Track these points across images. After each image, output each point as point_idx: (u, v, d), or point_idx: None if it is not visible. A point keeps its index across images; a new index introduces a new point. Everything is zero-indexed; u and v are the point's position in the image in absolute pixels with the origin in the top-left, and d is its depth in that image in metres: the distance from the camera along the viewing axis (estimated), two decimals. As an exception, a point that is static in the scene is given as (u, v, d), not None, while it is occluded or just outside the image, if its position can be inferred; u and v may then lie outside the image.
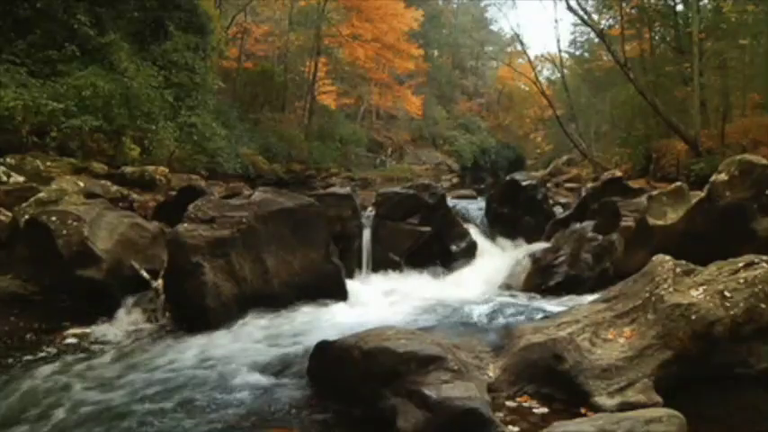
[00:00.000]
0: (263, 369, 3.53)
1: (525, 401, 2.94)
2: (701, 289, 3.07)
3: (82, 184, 6.10)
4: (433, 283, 6.35)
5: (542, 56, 32.35)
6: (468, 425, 2.50)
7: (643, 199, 6.10)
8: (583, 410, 2.79)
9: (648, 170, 16.58)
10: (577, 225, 6.46)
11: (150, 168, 8.67)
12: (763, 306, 2.94)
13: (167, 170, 9.14)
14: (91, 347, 4.09)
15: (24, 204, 5.32)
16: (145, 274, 4.89)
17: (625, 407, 2.69)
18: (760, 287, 2.98)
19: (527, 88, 36.48)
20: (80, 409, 3.02)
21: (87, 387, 3.31)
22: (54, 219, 4.69)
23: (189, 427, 2.80)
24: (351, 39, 26.24)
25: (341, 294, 5.34)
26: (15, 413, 2.99)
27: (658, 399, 2.79)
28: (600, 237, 6.02)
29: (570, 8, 18.74)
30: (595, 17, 21.68)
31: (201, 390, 3.23)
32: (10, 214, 5.44)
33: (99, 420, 2.89)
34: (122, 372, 3.58)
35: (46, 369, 3.57)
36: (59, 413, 2.97)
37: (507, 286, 6.18)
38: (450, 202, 7.98)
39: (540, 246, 6.61)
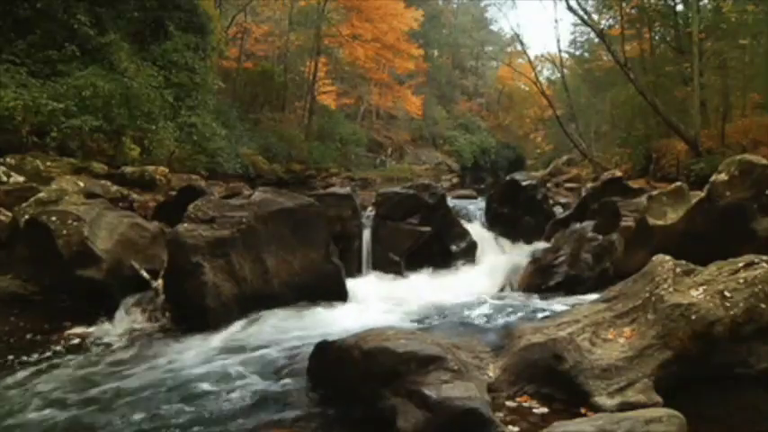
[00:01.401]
0: (263, 369, 3.54)
1: (525, 401, 2.94)
2: (700, 289, 3.07)
3: (82, 184, 6.09)
4: (433, 283, 6.35)
5: (542, 56, 32.41)
6: (468, 425, 2.50)
7: (643, 199, 6.10)
8: (583, 410, 2.79)
9: (648, 170, 16.58)
10: (577, 225, 6.46)
11: (150, 168, 8.67)
12: (763, 306, 2.94)
13: (167, 170, 9.14)
14: (91, 347, 4.09)
15: (24, 204, 5.32)
16: (145, 274, 4.89)
17: (625, 407, 2.69)
18: (760, 287, 2.98)
19: (527, 88, 36.49)
20: (80, 409, 3.02)
21: (87, 387, 3.32)
22: (54, 219, 4.70)
23: (189, 427, 2.80)
24: (351, 39, 26.26)
25: (341, 294, 5.34)
26: (15, 413, 2.99)
27: (658, 399, 2.79)
28: (600, 237, 6.02)
29: (570, 8, 18.76)
30: (595, 17, 21.70)
31: (201, 390, 3.23)
32: (10, 214, 5.44)
33: (99, 420, 2.89)
34: (122, 372, 3.58)
35: (46, 369, 3.58)
36: (59, 413, 2.97)
37: (507, 286, 6.18)
38: (451, 202, 7.98)
39: (540, 246, 6.61)
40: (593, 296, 4.19)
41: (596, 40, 21.60)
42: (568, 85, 23.56)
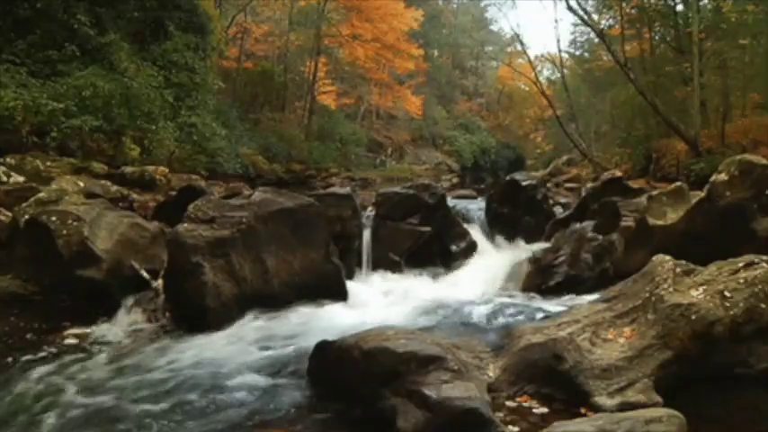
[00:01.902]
0: (263, 369, 3.54)
1: (525, 401, 2.94)
2: (701, 289, 3.07)
3: (82, 184, 6.09)
4: (433, 283, 6.35)
5: (542, 56, 32.41)
6: (468, 425, 2.50)
7: (643, 199, 6.09)
8: (583, 410, 2.79)
9: (648, 170, 16.59)
10: (577, 225, 6.45)
11: (150, 168, 8.67)
12: (763, 306, 2.94)
13: (167, 170, 9.13)
14: (91, 348, 4.09)
15: (24, 204, 5.31)
16: (145, 274, 4.88)
17: (625, 407, 2.69)
18: (760, 287, 2.98)
19: (527, 88, 36.49)
20: (79, 409, 3.02)
21: (87, 387, 3.31)
22: (54, 219, 4.69)
23: (189, 427, 2.80)
24: (351, 39, 26.26)
25: (341, 294, 5.34)
26: (15, 413, 2.99)
27: (658, 399, 2.79)
28: (600, 237, 6.01)
29: (570, 8, 18.77)
30: (595, 17, 21.70)
31: (201, 390, 3.23)
32: (10, 214, 5.44)
33: (98, 421, 2.89)
34: (122, 372, 3.58)
35: (46, 369, 3.57)
36: (59, 413, 2.97)
37: (507, 286, 6.17)
38: (451, 202, 7.97)
39: (540, 246, 6.60)
40: (593, 296, 4.19)
41: (596, 40, 21.61)
42: (568, 85, 23.57)
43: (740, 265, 3.17)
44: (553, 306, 5.11)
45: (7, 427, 2.85)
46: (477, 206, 8.72)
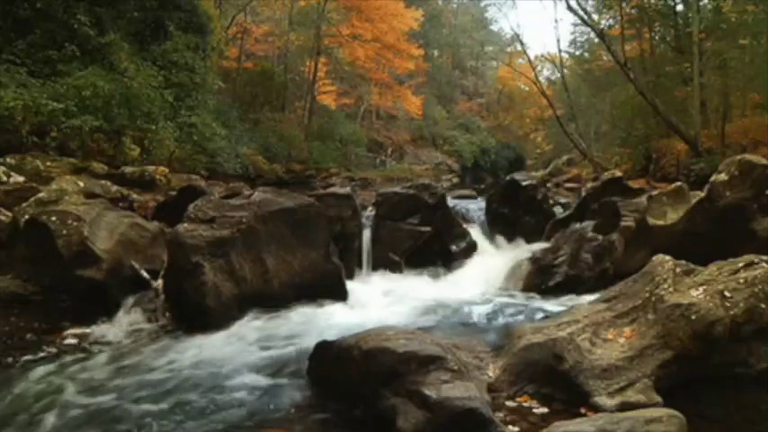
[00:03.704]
0: (263, 369, 3.54)
1: (525, 401, 2.94)
2: (701, 289, 3.07)
3: (82, 184, 6.08)
4: (433, 283, 6.36)
5: (542, 56, 32.36)
6: (468, 425, 2.50)
7: (643, 199, 6.10)
8: (583, 410, 2.79)
9: (648, 170, 16.58)
10: (577, 225, 6.46)
11: (150, 168, 8.66)
12: (763, 306, 2.94)
13: (167, 170, 9.13)
14: (91, 348, 4.09)
15: (24, 204, 5.31)
16: (145, 274, 4.88)
17: (625, 407, 2.69)
18: (760, 287, 2.98)
19: (527, 88, 36.48)
20: (79, 409, 3.02)
21: (87, 387, 3.31)
22: (54, 219, 4.69)
23: (189, 427, 2.80)
24: (351, 39, 26.24)
25: (341, 294, 5.34)
26: (15, 413, 2.99)
27: (658, 399, 2.79)
28: (600, 237, 6.01)
29: (570, 8, 18.76)
30: (595, 17, 21.70)
31: (201, 390, 3.23)
32: (10, 214, 5.43)
33: (98, 421, 2.89)
34: (122, 372, 3.58)
35: (45, 369, 3.57)
36: (59, 413, 2.97)
37: (507, 286, 6.18)
38: (451, 202, 7.97)
39: (540, 246, 6.60)
40: (593, 296, 4.19)
41: (596, 40, 21.59)
42: (568, 85, 23.54)
43: (740, 265, 3.17)
44: (553, 306, 5.12)
45: (7, 427, 2.85)
46: (477, 206, 8.73)
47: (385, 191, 7.48)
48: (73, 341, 4.18)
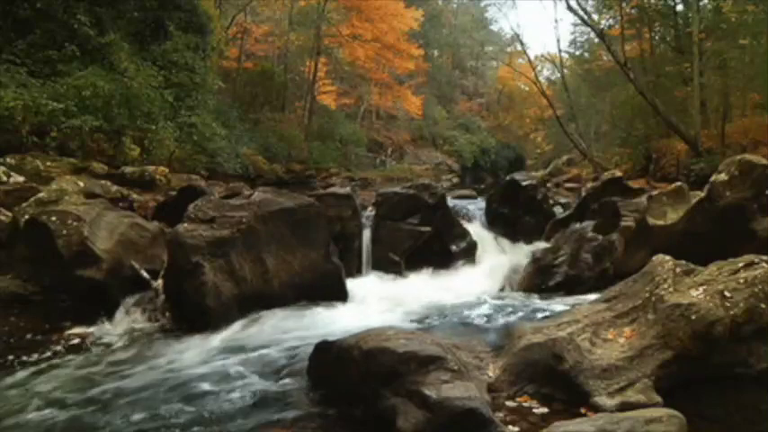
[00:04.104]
0: (263, 369, 3.54)
1: (525, 401, 2.94)
2: (701, 289, 3.07)
3: (82, 184, 6.08)
4: (433, 283, 6.35)
5: (542, 56, 32.36)
6: (468, 425, 2.50)
7: (643, 199, 6.10)
8: (583, 410, 2.79)
9: (648, 170, 16.58)
10: (577, 225, 6.46)
11: (150, 168, 8.66)
12: (763, 306, 2.94)
13: (167, 170, 9.13)
14: (91, 347, 4.09)
15: (24, 204, 5.31)
16: (145, 274, 4.88)
17: (625, 407, 2.69)
18: (760, 287, 2.98)
19: (527, 88, 36.49)
20: (80, 409, 3.02)
21: (87, 387, 3.32)
22: (54, 219, 4.69)
23: (189, 427, 2.80)
24: (351, 39, 26.24)
25: (341, 294, 5.34)
26: (15, 413, 2.99)
27: (658, 399, 2.79)
28: (600, 237, 6.01)
29: (570, 8, 18.76)
30: (595, 17, 21.69)
31: (201, 390, 3.23)
32: (10, 214, 5.43)
33: (98, 421, 2.89)
34: (122, 372, 3.58)
35: (46, 369, 3.58)
36: (59, 413, 2.97)
37: (507, 286, 6.18)
38: (451, 202, 7.97)
39: (540, 246, 6.60)
40: (593, 296, 4.19)
41: (596, 40, 21.59)
42: (568, 85, 23.54)
43: (740, 265, 3.17)
44: (553, 306, 5.12)
45: (7, 426, 2.85)
46: (477, 206, 8.72)
47: (385, 191, 7.48)
48: (73, 341, 4.19)
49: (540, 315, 4.71)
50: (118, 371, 3.60)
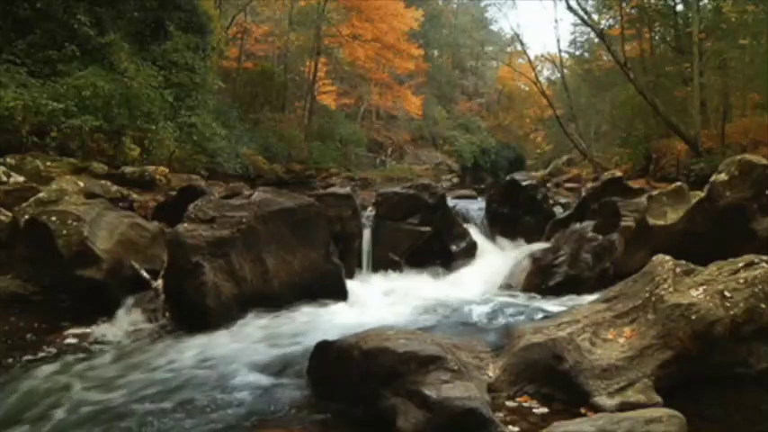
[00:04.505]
0: (263, 369, 3.53)
1: (525, 401, 2.94)
2: (701, 289, 3.07)
3: (82, 184, 6.08)
4: (433, 283, 6.36)
5: (542, 56, 32.37)
6: (468, 425, 2.50)
7: (643, 199, 6.10)
8: (583, 410, 2.79)
9: (648, 170, 16.60)
10: (577, 225, 6.46)
11: (150, 168, 8.66)
12: (763, 306, 2.94)
13: (167, 170, 9.13)
14: (91, 347, 4.09)
15: (24, 204, 5.30)
16: (145, 274, 4.88)
17: (625, 407, 2.69)
18: (760, 287, 2.98)
19: (527, 88, 36.52)
20: (80, 409, 3.02)
21: (87, 387, 3.31)
22: (54, 219, 4.69)
23: (189, 427, 2.80)
24: (351, 39, 26.25)
25: (341, 294, 5.34)
26: (15, 413, 2.99)
27: (658, 399, 2.79)
28: (600, 237, 6.01)
29: (570, 8, 18.78)
30: (595, 17, 21.72)
31: (201, 390, 3.23)
32: (10, 214, 5.43)
33: (99, 420, 2.89)
34: (122, 372, 3.58)
35: (46, 369, 3.57)
36: (59, 413, 2.97)
37: (507, 286, 6.18)
38: (451, 202, 7.98)
39: (540, 246, 6.61)
40: (593, 296, 4.19)
41: (596, 40, 21.60)
42: (568, 85, 23.57)
43: (740, 265, 3.17)
44: (553, 306, 5.12)
45: (8, 426, 2.85)
46: (477, 206, 8.73)
47: (385, 191, 7.48)
48: (73, 341, 4.18)
49: (539, 315, 4.71)
50: (118, 371, 3.60)
